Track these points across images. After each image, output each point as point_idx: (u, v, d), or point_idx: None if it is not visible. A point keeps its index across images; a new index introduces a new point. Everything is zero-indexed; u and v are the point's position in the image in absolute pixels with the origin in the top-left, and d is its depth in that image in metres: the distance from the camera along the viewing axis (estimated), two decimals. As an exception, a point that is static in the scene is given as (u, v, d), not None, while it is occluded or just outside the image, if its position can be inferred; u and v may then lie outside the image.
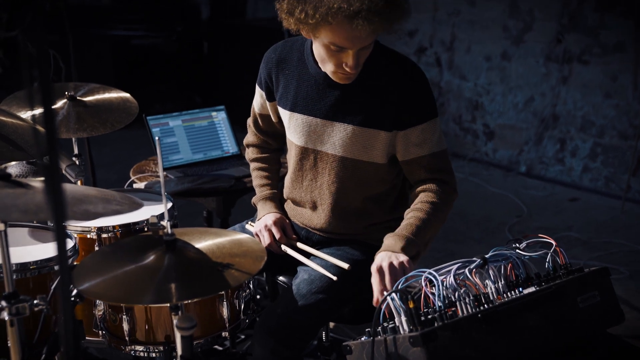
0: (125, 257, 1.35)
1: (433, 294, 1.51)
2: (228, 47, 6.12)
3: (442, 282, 1.54)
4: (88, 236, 2.06)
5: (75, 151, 2.48)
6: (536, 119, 4.81)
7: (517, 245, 1.71)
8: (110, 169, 4.64)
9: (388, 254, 1.72)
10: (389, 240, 1.78)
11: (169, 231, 1.35)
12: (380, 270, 1.69)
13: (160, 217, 1.94)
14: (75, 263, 1.78)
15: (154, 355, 1.66)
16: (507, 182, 4.78)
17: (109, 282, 1.28)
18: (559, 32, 4.52)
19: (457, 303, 1.48)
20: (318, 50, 1.79)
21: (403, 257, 1.71)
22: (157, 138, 1.34)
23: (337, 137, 1.89)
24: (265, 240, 2.02)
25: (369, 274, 1.90)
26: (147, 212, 2.18)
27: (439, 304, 1.48)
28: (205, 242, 1.42)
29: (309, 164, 1.96)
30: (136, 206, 1.30)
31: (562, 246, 3.80)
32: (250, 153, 2.22)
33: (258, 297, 2.09)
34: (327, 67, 1.80)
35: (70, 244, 1.81)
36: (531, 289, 1.56)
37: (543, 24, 4.63)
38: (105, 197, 1.28)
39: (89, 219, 1.73)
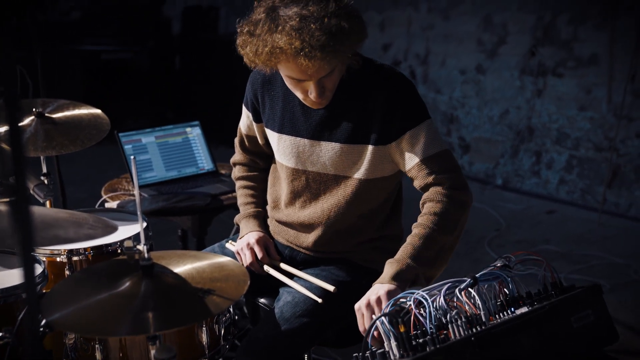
0: (98, 283, 1.26)
1: (423, 315, 1.45)
2: (200, 62, 6.05)
3: (433, 303, 1.48)
4: (58, 259, 1.96)
5: (44, 170, 2.38)
6: (512, 132, 4.81)
7: (507, 263, 1.66)
8: (80, 186, 4.51)
9: (376, 287, 1.65)
10: (385, 269, 1.71)
11: (146, 255, 1.27)
12: (362, 308, 1.63)
13: (136, 240, 1.85)
14: (44, 291, 1.67)
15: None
16: (484, 196, 4.76)
17: (81, 311, 1.19)
18: (533, 46, 4.54)
19: (449, 325, 1.42)
20: (285, 80, 1.76)
21: (389, 287, 1.63)
22: (132, 157, 1.26)
23: (326, 157, 1.84)
24: (247, 259, 1.94)
25: (355, 296, 1.83)
26: (120, 233, 2.09)
27: (430, 327, 1.41)
28: (184, 266, 1.34)
29: (301, 185, 1.91)
30: (110, 230, 1.22)
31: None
32: (236, 171, 2.15)
33: (236, 317, 2.01)
34: (297, 95, 1.77)
35: (38, 269, 1.71)
36: (524, 309, 1.51)
37: (517, 37, 4.64)
38: (76, 221, 1.19)
39: (59, 244, 1.63)
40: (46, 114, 2.29)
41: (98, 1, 6.64)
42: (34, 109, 2.27)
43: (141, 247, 1.27)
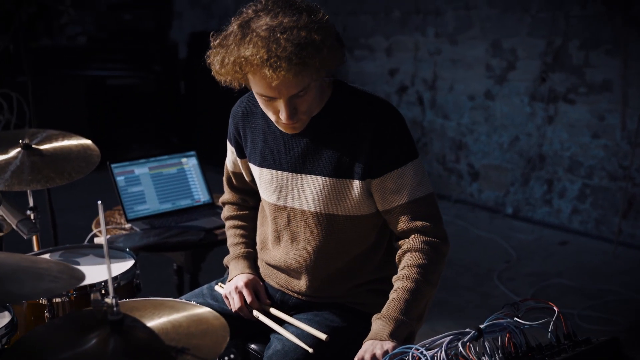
0: (60, 342, 1.14)
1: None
2: (206, 88, 5.98)
3: (433, 358, 1.35)
4: (40, 301, 1.85)
5: (31, 203, 2.28)
6: (522, 159, 4.68)
7: (515, 311, 1.53)
8: (80, 212, 4.41)
9: (373, 344, 1.53)
10: (377, 324, 1.58)
11: (115, 309, 1.15)
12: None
13: (104, 292, 1.73)
14: (9, 344, 1.55)
15: None
16: (493, 225, 4.62)
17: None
18: (544, 71, 4.43)
19: (451, 385, 1.29)
20: (257, 100, 1.66)
21: (388, 345, 1.51)
22: (99, 202, 1.15)
23: (308, 192, 1.72)
24: (235, 304, 1.82)
25: (351, 343, 1.70)
26: (101, 273, 1.99)
27: (430, 387, 1.28)
28: (159, 319, 1.23)
29: (282, 223, 1.79)
30: (75, 281, 1.11)
31: (553, 294, 3.62)
32: (226, 211, 2.04)
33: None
34: (270, 117, 1.67)
35: (5, 319, 1.59)
36: (534, 366, 1.37)
37: (527, 63, 4.54)
38: (37, 272, 1.08)
39: (12, 302, 1.51)
40: (33, 146, 2.20)
41: (104, 26, 6.62)
42: (20, 141, 2.18)
43: (110, 300, 1.15)
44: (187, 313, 1.26)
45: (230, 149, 1.93)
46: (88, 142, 2.30)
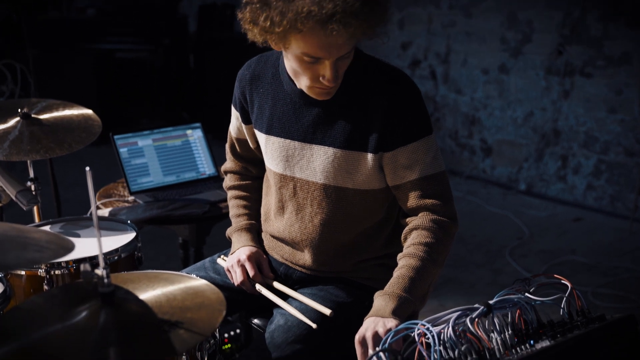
0: (50, 314, 1.10)
1: (428, 347, 1.26)
2: (215, 61, 5.91)
3: (439, 335, 1.29)
4: (38, 273, 1.81)
5: (31, 174, 2.23)
6: (536, 135, 4.58)
7: (526, 287, 1.47)
8: (86, 187, 4.39)
9: (375, 321, 1.46)
10: (379, 301, 1.52)
11: (105, 281, 1.10)
12: (363, 342, 1.44)
13: (94, 263, 1.68)
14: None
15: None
16: (506, 201, 4.54)
17: (27, 350, 1.03)
18: (560, 44, 4.30)
19: (458, 363, 1.23)
20: (290, 63, 1.56)
21: (391, 323, 1.45)
22: (87, 169, 1.09)
23: (317, 162, 1.65)
24: (238, 277, 1.77)
25: (356, 319, 1.65)
26: (107, 243, 1.94)
27: (436, 365, 1.23)
28: (153, 291, 1.18)
29: (288, 194, 1.72)
30: (63, 251, 1.06)
31: (566, 271, 3.56)
32: (228, 180, 1.97)
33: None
34: (302, 82, 1.57)
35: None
36: (545, 343, 1.31)
37: (543, 36, 4.42)
38: (23, 242, 1.03)
39: None
40: (33, 115, 2.15)
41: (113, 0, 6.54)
42: (19, 110, 2.13)
43: (100, 271, 1.10)
44: (183, 286, 1.21)
45: (235, 114, 1.85)
46: (89, 112, 2.25)
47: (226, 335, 2.45)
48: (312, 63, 1.50)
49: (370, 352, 1.40)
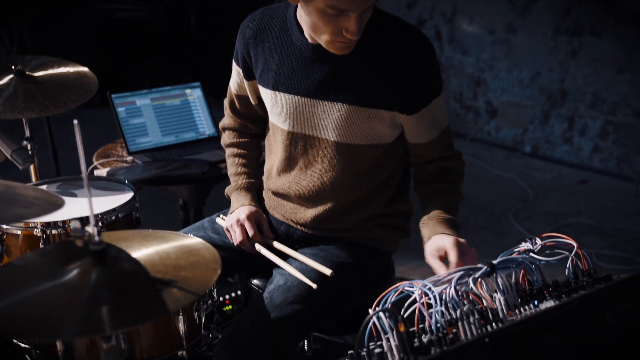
0: (40, 272, 1.07)
1: (430, 307, 1.24)
2: (217, 21, 5.81)
3: (441, 295, 1.26)
4: (34, 232, 1.78)
5: (27, 133, 2.19)
6: (543, 96, 4.50)
7: (531, 246, 1.44)
8: (90, 149, 4.35)
9: (447, 236, 1.53)
10: (436, 225, 1.58)
11: (96, 239, 1.07)
12: (447, 249, 1.51)
13: (85, 222, 1.65)
14: None
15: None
16: (511, 164, 4.49)
17: (16, 307, 1.00)
18: (568, 2, 4.19)
19: (459, 323, 1.20)
20: (310, 17, 1.49)
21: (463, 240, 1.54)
22: (75, 122, 1.05)
23: (329, 119, 1.61)
24: (237, 237, 1.74)
25: (357, 280, 1.63)
26: (104, 203, 1.91)
27: (437, 325, 1.20)
28: (147, 250, 1.14)
29: (298, 151, 1.68)
30: (52, 207, 1.02)
31: (571, 233, 3.52)
32: (226, 137, 1.93)
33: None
34: (322, 37, 1.51)
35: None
36: (549, 303, 1.28)
37: (551, -7, 4.31)
38: (11, 198, 1.00)
39: None
40: (27, 72, 2.10)
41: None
42: (12, 67, 2.08)
43: (91, 229, 1.06)
44: (177, 244, 1.18)
45: (236, 70, 1.80)
46: (85, 69, 2.20)
47: (227, 296, 2.44)
48: (335, 16, 1.45)
49: (454, 259, 1.48)
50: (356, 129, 1.60)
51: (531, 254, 1.39)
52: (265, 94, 1.70)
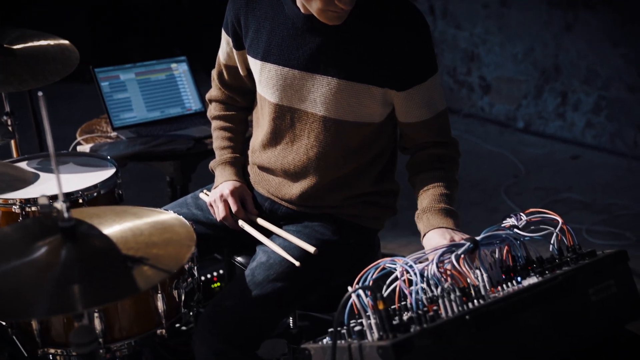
0: (10, 249, 1.04)
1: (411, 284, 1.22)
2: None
3: (423, 272, 1.24)
4: (13, 209, 1.75)
5: (7, 108, 2.15)
6: (536, 71, 4.46)
7: (515, 222, 1.41)
8: (77, 124, 4.31)
9: (443, 230, 1.49)
10: (432, 217, 1.53)
11: (65, 215, 1.04)
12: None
13: (54, 198, 1.61)
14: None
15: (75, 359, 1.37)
16: (503, 139, 4.46)
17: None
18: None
19: (440, 300, 1.18)
20: None
21: (459, 236, 1.49)
22: (40, 94, 1.01)
23: (318, 93, 1.57)
24: (220, 213, 1.72)
25: (341, 258, 1.61)
26: (86, 179, 1.88)
27: (417, 302, 1.18)
28: (120, 226, 1.11)
29: (284, 125, 1.65)
30: (18, 184, 0.99)
31: (562, 208, 3.50)
32: (212, 110, 1.89)
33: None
34: (313, 5, 1.46)
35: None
36: (532, 280, 1.27)
37: (546, -34, 4.24)
38: (-25, 173, 0.97)
39: None
40: (5, 45, 2.05)
41: None
42: (-10, 40, 2.03)
43: (59, 205, 1.03)
44: (151, 220, 1.15)
45: (226, 39, 1.75)
46: (66, 42, 2.15)
47: (215, 273, 2.42)
48: None
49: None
50: (345, 104, 1.57)
51: (515, 230, 1.37)
52: (254, 64, 1.66)
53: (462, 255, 1.28)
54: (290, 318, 1.87)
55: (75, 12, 5.68)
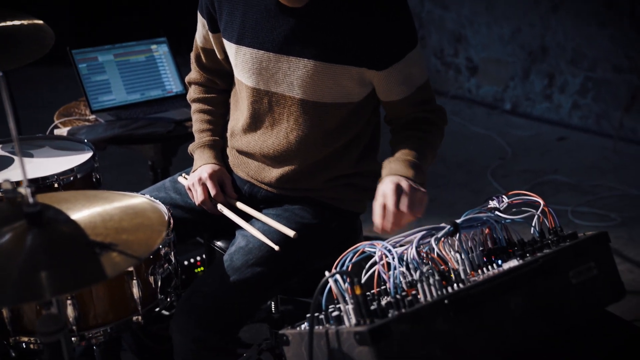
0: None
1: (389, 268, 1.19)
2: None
3: (402, 256, 1.22)
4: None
5: (-20, 92, 2.09)
6: (523, 52, 4.43)
7: (497, 205, 1.39)
8: (53, 109, 4.26)
9: (398, 178, 1.43)
10: (394, 164, 1.48)
11: (30, 200, 1.00)
12: (386, 195, 1.40)
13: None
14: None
15: (48, 346, 1.34)
16: (490, 121, 4.45)
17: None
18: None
19: (419, 284, 1.16)
20: None
21: (420, 188, 1.43)
22: (0, 74, 0.97)
23: (294, 76, 1.54)
24: (199, 196, 1.68)
25: (321, 242, 1.58)
26: (62, 163, 1.84)
27: (396, 287, 1.16)
28: (89, 211, 1.08)
29: (262, 109, 1.61)
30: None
31: (548, 190, 3.48)
32: (192, 92, 1.85)
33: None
34: None
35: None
36: (513, 263, 1.25)
37: (533, -55, 4.20)
38: None
39: None
40: (-27, 25, 1.99)
41: None
42: (-42, 19, 1.97)
43: (23, 190, 1.00)
44: (122, 205, 1.11)
45: (201, 21, 1.71)
46: (39, 22, 2.08)
47: (198, 258, 2.39)
48: None
49: (395, 206, 1.37)
50: (323, 86, 1.53)
51: (496, 213, 1.35)
52: (230, 48, 1.63)
53: (442, 239, 1.26)
54: (272, 303, 1.86)
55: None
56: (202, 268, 2.40)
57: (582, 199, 3.29)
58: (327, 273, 1.16)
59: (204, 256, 2.39)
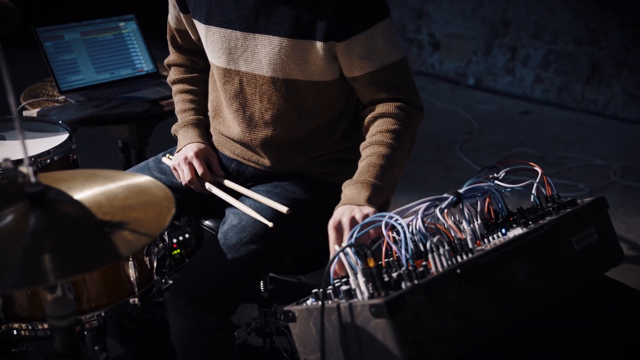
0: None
1: (398, 243, 1.18)
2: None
3: (408, 227, 1.21)
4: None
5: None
6: (486, 26, 4.46)
7: (495, 174, 1.40)
8: (20, 90, 4.09)
9: (350, 208, 1.34)
10: (350, 190, 1.39)
11: (32, 180, 0.95)
12: (338, 227, 1.31)
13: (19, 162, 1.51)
14: None
15: (41, 334, 1.29)
16: (455, 96, 4.48)
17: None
18: None
19: (430, 255, 1.15)
20: None
21: (368, 209, 1.33)
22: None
23: (262, 54, 1.49)
24: (185, 176, 1.64)
25: (314, 216, 1.56)
26: (37, 145, 1.77)
27: (407, 258, 1.15)
28: (90, 190, 1.03)
29: (234, 90, 1.57)
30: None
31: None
32: (172, 74, 1.80)
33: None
34: None
35: None
36: (517, 231, 1.25)
37: None
38: None
39: None
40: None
41: None
42: None
43: (25, 169, 0.95)
44: (124, 183, 1.07)
45: (172, 2, 1.66)
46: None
47: (175, 240, 2.34)
48: None
49: (346, 237, 1.29)
50: (292, 63, 1.49)
51: (496, 182, 1.35)
52: (200, 28, 1.59)
53: (446, 209, 1.25)
54: (261, 282, 1.83)
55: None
56: (179, 250, 2.35)
57: (550, 170, 3.35)
58: (336, 247, 1.14)
59: (180, 238, 2.34)
